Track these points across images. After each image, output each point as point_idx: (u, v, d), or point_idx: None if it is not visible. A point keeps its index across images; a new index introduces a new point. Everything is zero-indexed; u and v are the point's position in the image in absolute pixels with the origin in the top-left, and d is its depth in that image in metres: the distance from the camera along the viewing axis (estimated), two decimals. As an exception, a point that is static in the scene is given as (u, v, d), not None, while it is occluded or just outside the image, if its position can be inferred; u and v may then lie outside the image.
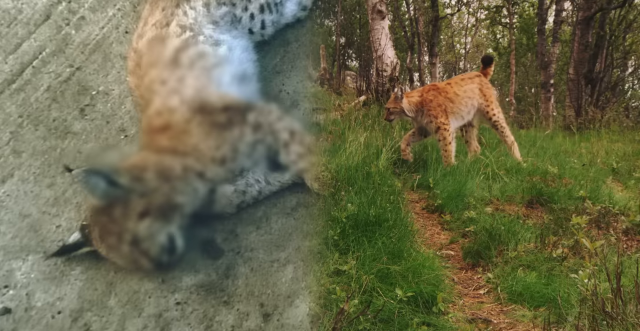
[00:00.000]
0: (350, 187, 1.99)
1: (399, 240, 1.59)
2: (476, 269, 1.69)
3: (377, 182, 2.10)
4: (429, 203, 2.34)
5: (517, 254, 1.62)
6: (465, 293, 1.53)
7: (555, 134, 4.19)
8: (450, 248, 1.89)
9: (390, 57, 4.81)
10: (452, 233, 2.03)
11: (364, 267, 1.38)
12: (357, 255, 1.45)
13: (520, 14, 8.38)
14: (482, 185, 2.39)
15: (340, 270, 1.38)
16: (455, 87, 2.98)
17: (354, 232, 1.60)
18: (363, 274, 1.32)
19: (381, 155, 2.52)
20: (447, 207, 2.22)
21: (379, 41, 4.81)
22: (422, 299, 1.29)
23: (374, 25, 4.87)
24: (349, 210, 1.68)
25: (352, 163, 2.24)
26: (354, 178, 2.10)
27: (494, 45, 9.85)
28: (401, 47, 8.26)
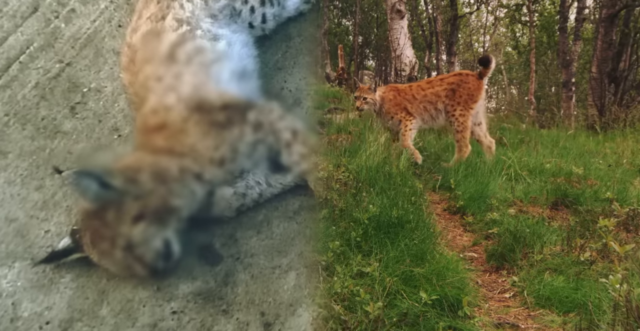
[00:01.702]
0: (372, 188, 2.02)
1: (422, 242, 1.62)
2: (500, 272, 1.70)
3: (397, 182, 2.14)
4: (450, 205, 2.37)
5: (543, 257, 1.63)
6: (490, 296, 1.54)
7: (577, 134, 4.21)
8: (473, 250, 1.90)
9: (409, 56, 4.88)
10: (474, 235, 2.05)
11: (388, 269, 1.40)
12: (379, 256, 1.47)
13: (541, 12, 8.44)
14: (505, 186, 2.41)
15: (364, 272, 1.39)
16: (416, 90, 3.08)
17: (376, 234, 1.63)
18: (386, 276, 1.34)
19: (401, 155, 2.56)
20: (469, 208, 2.24)
21: (398, 41, 4.89)
22: (447, 302, 1.30)
23: (393, 25, 4.95)
24: (370, 211, 1.70)
25: (372, 164, 2.27)
26: (374, 179, 2.14)
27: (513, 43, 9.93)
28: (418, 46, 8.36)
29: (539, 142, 3.17)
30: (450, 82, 3.05)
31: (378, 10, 10.81)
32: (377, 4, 10.64)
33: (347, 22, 11.59)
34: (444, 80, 3.11)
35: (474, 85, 3.03)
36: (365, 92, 3.00)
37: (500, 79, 12.92)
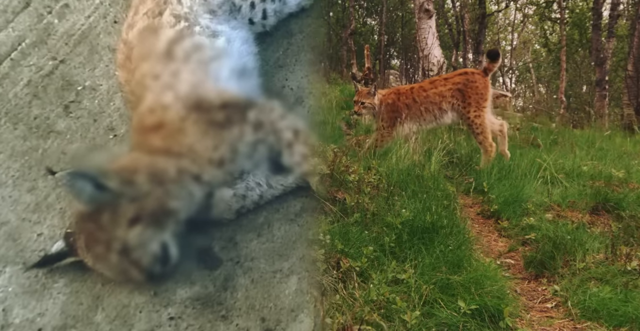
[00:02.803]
0: (403, 192, 2.02)
1: (458, 248, 1.60)
2: (540, 280, 1.67)
3: (429, 185, 2.13)
4: (483, 209, 2.34)
5: (586, 265, 1.60)
6: (531, 306, 1.51)
7: (613, 134, 4.15)
8: (509, 257, 1.88)
9: (437, 56, 4.90)
10: (510, 240, 2.02)
11: (424, 277, 1.39)
12: (414, 263, 1.46)
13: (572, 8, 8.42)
14: (540, 190, 2.38)
15: (399, 279, 1.38)
16: (417, 92, 3.07)
17: (410, 239, 1.62)
18: (422, 284, 1.33)
19: (432, 157, 2.54)
20: (504, 212, 2.21)
21: (426, 40, 4.92)
22: (487, 312, 1.28)
23: (421, 25, 4.98)
24: (403, 215, 1.70)
25: (403, 167, 2.28)
26: (405, 182, 2.13)
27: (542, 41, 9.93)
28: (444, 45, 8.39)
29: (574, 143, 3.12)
30: (455, 82, 3.04)
31: (403, 9, 10.88)
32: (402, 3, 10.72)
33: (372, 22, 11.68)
34: (448, 79, 3.10)
35: (482, 83, 3.02)
36: (364, 97, 3.00)
37: (528, 77, 12.83)
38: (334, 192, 1.88)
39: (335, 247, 1.43)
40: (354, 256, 1.42)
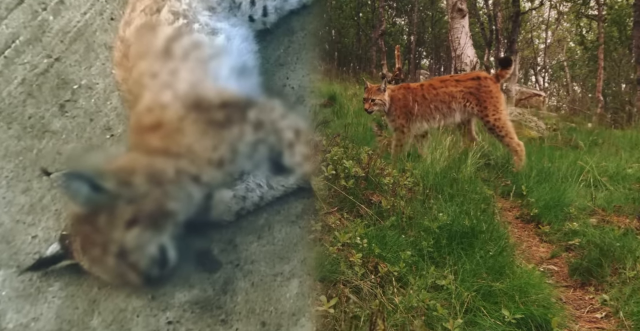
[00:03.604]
0: (439, 195, 1.98)
1: (499, 254, 1.57)
2: (587, 288, 1.63)
3: (465, 188, 2.10)
4: (522, 212, 2.30)
5: (637, 274, 1.56)
6: (578, 316, 1.48)
7: None
8: (552, 263, 1.84)
9: (470, 55, 4.91)
10: (552, 246, 1.99)
11: (464, 283, 1.37)
12: (454, 268, 1.44)
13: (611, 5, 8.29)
14: (583, 193, 2.33)
15: (438, 285, 1.36)
16: (427, 89, 3.08)
17: (448, 244, 1.59)
18: (464, 291, 1.31)
19: (467, 159, 2.51)
20: (545, 216, 2.17)
21: (459, 40, 4.93)
22: (533, 322, 1.25)
23: (454, 24, 4.98)
24: (441, 219, 1.68)
25: (438, 169, 2.24)
26: (440, 185, 2.10)
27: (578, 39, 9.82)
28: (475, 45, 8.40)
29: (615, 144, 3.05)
30: (468, 85, 3.06)
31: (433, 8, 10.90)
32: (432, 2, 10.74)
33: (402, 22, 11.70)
34: (460, 82, 3.11)
35: (495, 88, 3.04)
36: (374, 94, 2.97)
37: (561, 76, 12.69)
38: (369, 195, 1.87)
39: (373, 251, 1.42)
40: (391, 261, 1.40)
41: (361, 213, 1.72)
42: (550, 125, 4.99)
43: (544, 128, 4.85)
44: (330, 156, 1.86)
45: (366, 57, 10.20)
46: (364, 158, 2.03)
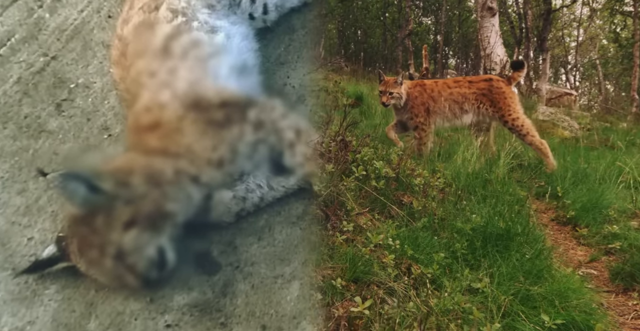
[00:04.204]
0: (472, 196, 1.96)
1: (536, 257, 1.56)
2: (630, 294, 1.60)
3: (498, 190, 2.08)
4: (558, 215, 2.28)
5: None
6: (622, 322, 1.45)
7: None
8: (591, 267, 1.81)
9: (500, 54, 4.90)
10: (591, 249, 1.96)
11: (501, 287, 1.35)
12: (489, 271, 1.43)
13: None
14: (622, 195, 2.29)
15: (473, 288, 1.35)
16: (441, 87, 3.09)
17: (483, 246, 1.58)
18: (500, 294, 1.29)
19: (499, 160, 2.47)
20: (582, 219, 2.14)
21: (488, 39, 4.91)
22: (574, 328, 1.24)
23: (483, 23, 4.97)
24: (474, 221, 1.67)
25: (469, 170, 2.22)
26: (472, 186, 2.08)
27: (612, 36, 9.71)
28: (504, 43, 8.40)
29: None
30: (480, 87, 3.07)
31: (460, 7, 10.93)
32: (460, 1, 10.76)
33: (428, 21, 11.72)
34: (473, 83, 3.12)
35: (507, 89, 3.05)
36: (392, 86, 2.94)
37: (593, 74, 12.54)
38: (399, 196, 1.86)
39: (405, 253, 1.41)
40: (424, 263, 1.40)
41: (392, 214, 1.72)
42: (583, 125, 4.89)
43: (577, 128, 4.77)
44: (361, 156, 1.85)
45: (392, 57, 10.23)
46: (394, 159, 2.03)
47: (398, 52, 9.31)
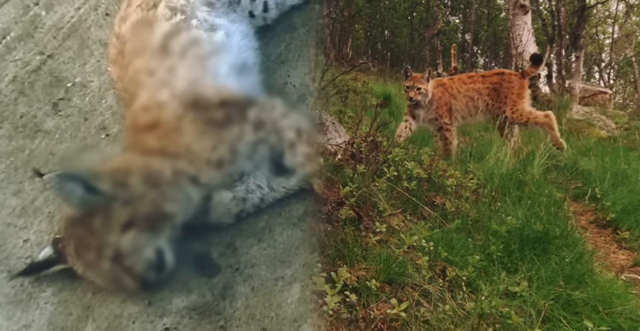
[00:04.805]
0: (506, 197, 1.95)
1: (577, 261, 1.54)
2: None
3: (532, 191, 2.06)
4: (597, 217, 2.25)
5: None
6: None
7: None
8: (634, 271, 1.79)
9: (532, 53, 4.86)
10: (634, 253, 1.94)
11: (540, 291, 1.34)
12: (527, 275, 1.42)
13: None
14: None
15: (511, 292, 1.34)
16: (458, 83, 3.09)
17: (520, 249, 1.57)
18: (540, 299, 1.28)
19: (534, 160, 2.45)
20: (623, 221, 2.11)
21: (520, 37, 4.89)
22: None
23: (515, 21, 4.94)
24: (509, 223, 1.65)
25: (502, 171, 2.20)
26: (506, 187, 2.06)
27: None
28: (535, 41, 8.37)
29: None
30: (493, 81, 3.07)
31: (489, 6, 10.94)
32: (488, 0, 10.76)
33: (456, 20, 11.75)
34: (486, 78, 3.12)
35: (518, 84, 3.03)
36: (419, 82, 2.91)
37: (629, 72, 12.40)
38: (432, 197, 1.87)
39: (439, 255, 1.41)
40: (459, 265, 1.39)
41: (424, 215, 1.72)
42: (620, 124, 4.81)
43: (613, 128, 4.69)
44: (392, 157, 1.86)
45: (419, 57, 10.26)
46: (425, 160, 2.04)
47: (425, 51, 9.34)
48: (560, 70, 7.24)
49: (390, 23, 11.16)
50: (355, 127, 2.20)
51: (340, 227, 1.43)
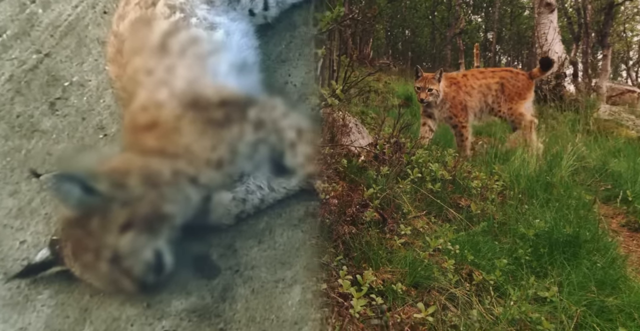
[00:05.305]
0: (534, 199, 1.93)
1: (610, 266, 1.52)
2: None
3: (560, 193, 2.03)
4: (629, 220, 2.22)
5: None
6: None
7: None
8: None
9: (558, 52, 4.84)
10: None
11: (572, 297, 1.32)
12: (557, 280, 1.41)
13: None
14: None
15: (540, 297, 1.33)
16: (471, 79, 3.08)
17: (549, 253, 1.55)
18: (571, 305, 1.27)
19: (561, 161, 2.41)
20: None
21: (546, 36, 4.86)
22: None
23: (541, 20, 4.91)
24: (537, 226, 1.64)
25: (528, 172, 2.18)
26: (533, 188, 2.04)
27: None
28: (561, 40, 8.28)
29: None
30: (501, 76, 3.07)
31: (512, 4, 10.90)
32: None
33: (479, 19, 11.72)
34: (495, 73, 3.12)
35: (524, 83, 3.04)
36: (431, 82, 2.88)
37: None
38: (456, 199, 1.86)
39: (465, 258, 1.40)
40: (486, 269, 1.38)
41: (449, 218, 1.72)
42: None
43: None
44: (415, 159, 1.86)
45: (440, 56, 10.20)
46: (449, 161, 2.03)
47: (447, 51, 9.31)
48: (587, 68, 7.12)
49: (411, 22, 11.14)
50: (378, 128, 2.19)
51: (365, 229, 1.43)
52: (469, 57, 7.39)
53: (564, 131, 3.26)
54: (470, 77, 3.10)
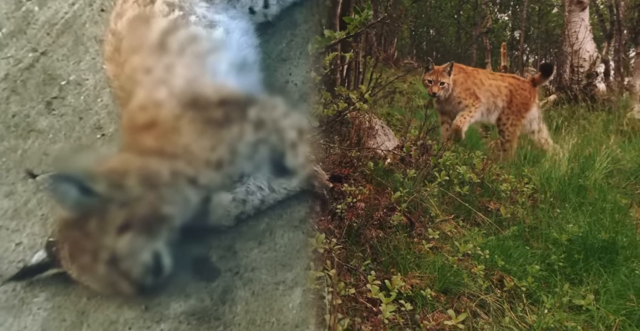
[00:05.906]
0: (566, 203, 1.91)
1: None
2: None
3: (594, 197, 2.01)
4: None
5: None
6: None
7: None
8: None
9: (589, 50, 4.76)
10: None
11: (609, 305, 1.30)
12: (593, 287, 1.39)
13: None
14: None
15: (576, 305, 1.31)
16: (483, 76, 3.07)
17: (584, 259, 1.53)
18: (609, 314, 1.24)
19: (594, 164, 2.37)
20: None
21: (577, 34, 4.80)
22: None
23: (572, 18, 4.86)
24: (570, 231, 1.61)
25: (560, 175, 2.15)
26: (564, 192, 2.02)
27: None
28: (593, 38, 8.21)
29: None
30: (510, 82, 3.07)
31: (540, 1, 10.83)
32: None
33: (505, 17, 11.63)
34: (504, 77, 3.12)
35: (529, 93, 3.04)
36: (442, 76, 2.83)
37: None
38: (485, 202, 1.85)
39: (496, 263, 1.38)
40: (517, 275, 1.36)
41: (478, 222, 1.70)
42: None
43: None
44: (443, 161, 1.85)
45: (465, 56, 10.13)
46: (477, 164, 2.01)
47: (472, 50, 9.25)
48: (619, 67, 7.00)
49: (436, 22, 11.06)
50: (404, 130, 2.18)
51: (392, 233, 1.42)
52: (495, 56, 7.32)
53: (596, 132, 3.21)
54: (481, 73, 3.10)
